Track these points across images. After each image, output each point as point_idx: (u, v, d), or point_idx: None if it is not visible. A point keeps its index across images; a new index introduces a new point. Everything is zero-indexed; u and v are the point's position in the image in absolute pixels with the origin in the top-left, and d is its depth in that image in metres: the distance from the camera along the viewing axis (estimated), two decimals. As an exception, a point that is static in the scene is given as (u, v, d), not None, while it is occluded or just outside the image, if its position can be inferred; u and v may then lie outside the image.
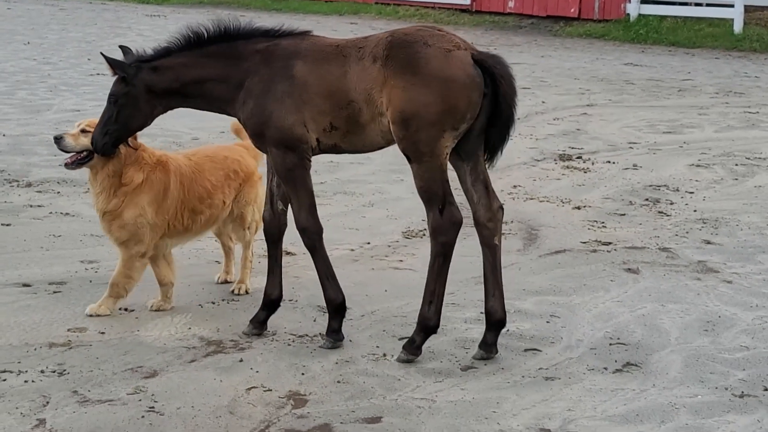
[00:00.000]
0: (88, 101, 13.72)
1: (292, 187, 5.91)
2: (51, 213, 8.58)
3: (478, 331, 6.19)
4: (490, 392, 5.45)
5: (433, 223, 5.67)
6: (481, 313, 6.21)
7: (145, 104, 6.01)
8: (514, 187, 10.02)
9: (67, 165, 6.32)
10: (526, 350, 6.04)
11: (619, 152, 11.68)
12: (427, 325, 5.81)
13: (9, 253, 7.51)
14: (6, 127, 11.96)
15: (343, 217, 8.85)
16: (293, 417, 5.12)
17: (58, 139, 6.27)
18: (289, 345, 6.00)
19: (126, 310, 6.48)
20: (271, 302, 6.19)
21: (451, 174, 5.74)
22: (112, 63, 5.98)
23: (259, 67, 5.85)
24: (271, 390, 5.41)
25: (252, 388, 5.43)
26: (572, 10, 24.57)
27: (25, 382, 5.39)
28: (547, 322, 6.50)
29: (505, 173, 10.56)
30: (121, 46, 6.24)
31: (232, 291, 6.86)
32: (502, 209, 5.89)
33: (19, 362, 5.64)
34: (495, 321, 5.87)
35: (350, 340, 6.08)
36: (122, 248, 6.36)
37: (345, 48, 5.76)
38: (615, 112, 14.25)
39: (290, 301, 6.71)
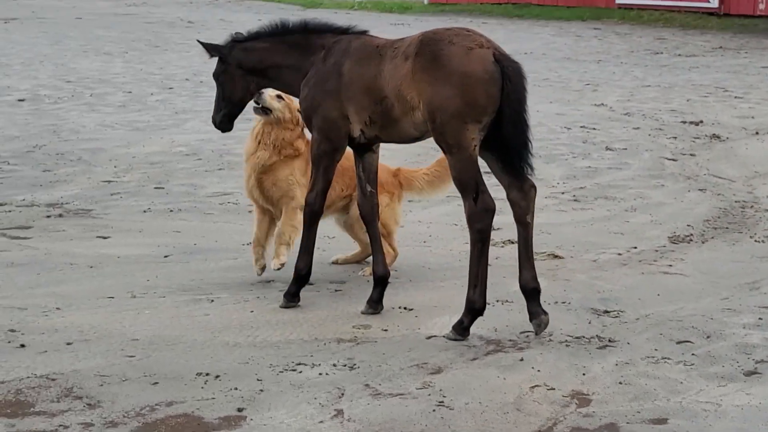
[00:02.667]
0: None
1: (316, 169, 6.61)
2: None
3: (759, 336, 6.16)
4: (778, 398, 5.42)
5: (468, 211, 6.10)
6: (760, 318, 6.19)
7: (240, 79, 6.84)
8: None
9: (255, 109, 7.14)
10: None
11: None
12: (473, 307, 6.19)
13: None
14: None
15: (607, 221, 8.90)
16: (579, 416, 5.21)
17: (260, 94, 7.03)
18: (567, 346, 6.09)
19: (406, 308, 6.71)
20: (381, 278, 6.65)
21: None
22: (206, 46, 6.89)
23: (319, 61, 6.56)
24: (554, 389, 5.51)
25: (535, 386, 5.54)
26: (827, 11, 23.79)
27: (320, 374, 5.66)
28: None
29: (769, 179, 10.39)
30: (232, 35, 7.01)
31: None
32: (535, 188, 6.21)
33: (311, 356, 5.92)
34: (530, 290, 6.22)
35: (628, 343, 6.13)
36: (283, 203, 7.19)
37: (384, 48, 6.30)
38: None
39: (563, 303, 6.82)
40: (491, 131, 5.99)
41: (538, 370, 5.74)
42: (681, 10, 26.74)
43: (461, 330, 6.20)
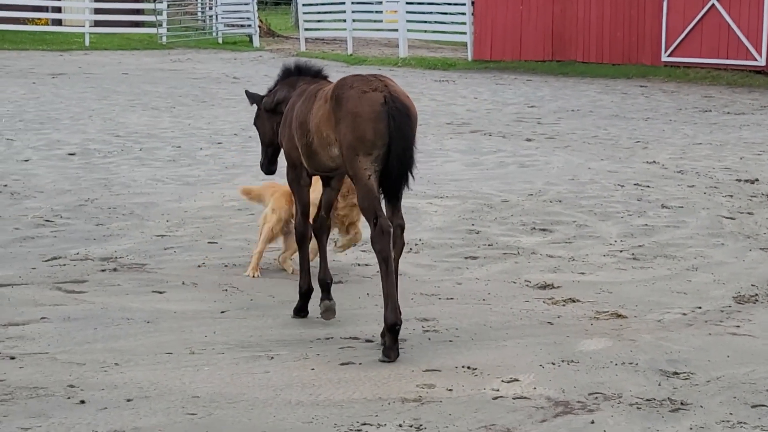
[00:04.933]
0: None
1: (294, 196, 7.67)
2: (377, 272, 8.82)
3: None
4: None
5: (371, 234, 6.73)
6: None
7: (267, 121, 7.88)
8: None
9: None
10: None
11: None
12: (386, 322, 6.69)
13: (346, 309, 7.74)
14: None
15: (668, 280, 8.73)
16: (656, 482, 5.05)
17: None
18: (639, 409, 5.92)
19: (469, 368, 6.56)
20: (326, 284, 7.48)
21: None
22: (247, 94, 8.03)
23: (293, 99, 7.47)
24: (628, 453, 5.36)
25: (609, 450, 5.40)
26: None
27: (384, 435, 5.54)
28: None
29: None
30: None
31: None
32: (402, 228, 6.82)
33: (376, 415, 5.79)
34: (389, 325, 6.69)
35: (701, 406, 5.96)
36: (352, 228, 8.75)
37: (320, 90, 7.15)
38: None
39: (630, 363, 6.66)
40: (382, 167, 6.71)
41: (610, 434, 5.59)
42: (727, 68, 26.61)
43: (387, 351, 6.69)
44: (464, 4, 33.13)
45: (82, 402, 5.89)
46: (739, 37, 26.31)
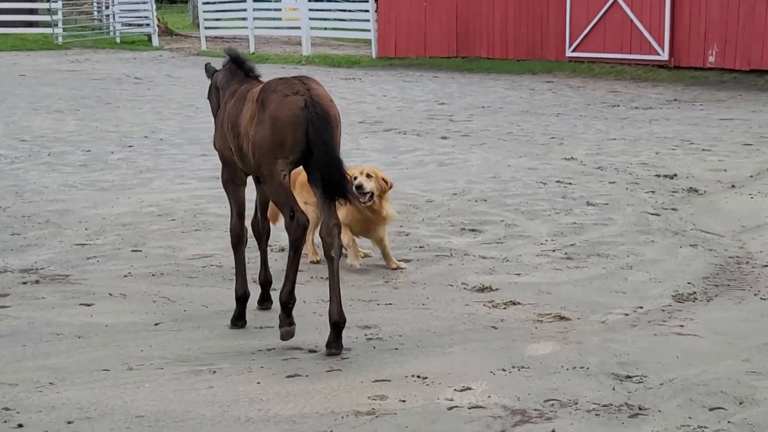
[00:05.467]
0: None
1: (228, 196, 7.55)
2: (312, 277, 8.63)
3: (795, 400, 5.94)
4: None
5: (286, 225, 6.85)
6: None
7: (215, 97, 7.77)
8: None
9: (357, 194, 8.30)
10: None
11: None
12: (282, 301, 6.89)
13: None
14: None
15: (605, 279, 8.66)
16: (626, 492, 4.93)
17: (357, 184, 8.49)
18: (597, 415, 5.81)
19: (419, 377, 6.39)
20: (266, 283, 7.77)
21: None
22: (206, 68, 8.02)
23: (225, 98, 7.46)
24: (594, 463, 5.24)
25: (574, 460, 5.27)
26: (777, 63, 23.95)
27: (344, 451, 5.34)
28: None
29: (758, 233, 10.29)
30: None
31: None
32: (338, 227, 6.82)
33: (331, 430, 5.60)
34: (333, 322, 6.79)
35: (659, 411, 5.87)
36: (385, 237, 8.97)
37: (250, 91, 7.11)
38: None
39: (581, 368, 6.55)
40: (313, 170, 6.76)
41: (574, 443, 5.47)
42: (631, 62, 26.83)
43: (282, 323, 6.87)
44: (367, 1, 32.97)
45: (20, 426, 5.61)
46: (641, 32, 26.52)
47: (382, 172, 9.04)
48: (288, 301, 6.87)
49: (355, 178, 8.51)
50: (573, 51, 28.08)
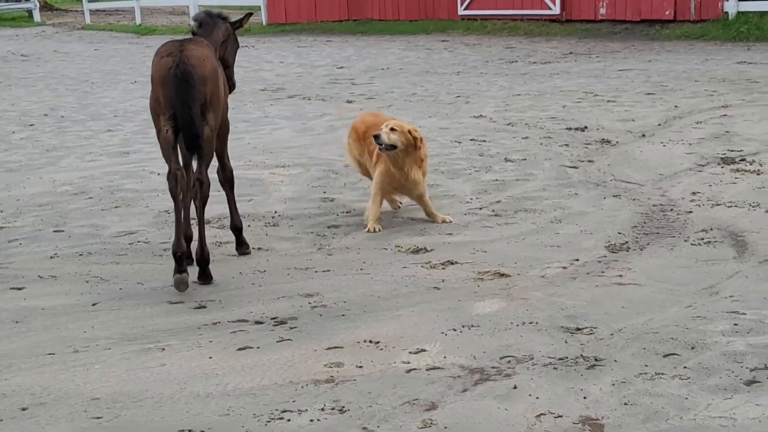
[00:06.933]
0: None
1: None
2: (253, 248, 8.52)
3: (742, 343, 6.04)
4: (789, 406, 5.28)
5: (166, 176, 7.32)
6: (735, 324, 6.14)
7: None
8: (694, 193, 9.82)
9: (380, 149, 8.82)
10: (800, 360, 5.86)
11: (780, 152, 11.47)
12: (172, 251, 7.41)
13: (223, 291, 7.44)
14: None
15: (537, 234, 8.71)
16: (598, 443, 4.97)
17: (377, 136, 8.73)
18: (555, 369, 5.84)
19: (372, 341, 6.37)
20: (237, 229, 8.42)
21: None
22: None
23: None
24: (561, 416, 5.25)
25: (541, 414, 5.28)
26: (667, 12, 24.33)
27: (311, 421, 5.28)
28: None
29: (676, 180, 10.40)
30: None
31: None
32: (201, 182, 7.42)
33: (294, 401, 5.53)
34: (197, 260, 7.66)
35: (615, 360, 5.92)
36: (424, 194, 9.18)
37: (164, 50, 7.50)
38: (756, 112, 14.00)
39: (531, 323, 6.58)
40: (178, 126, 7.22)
41: (537, 398, 5.47)
42: (524, 18, 27.02)
43: (177, 272, 7.33)
44: (255, -33, 32.67)
45: (-26, 416, 5.44)
46: (532, -12, 26.74)
47: (410, 125, 9.03)
48: (176, 251, 7.32)
49: (377, 135, 8.75)
50: (465, 9, 28.19)
